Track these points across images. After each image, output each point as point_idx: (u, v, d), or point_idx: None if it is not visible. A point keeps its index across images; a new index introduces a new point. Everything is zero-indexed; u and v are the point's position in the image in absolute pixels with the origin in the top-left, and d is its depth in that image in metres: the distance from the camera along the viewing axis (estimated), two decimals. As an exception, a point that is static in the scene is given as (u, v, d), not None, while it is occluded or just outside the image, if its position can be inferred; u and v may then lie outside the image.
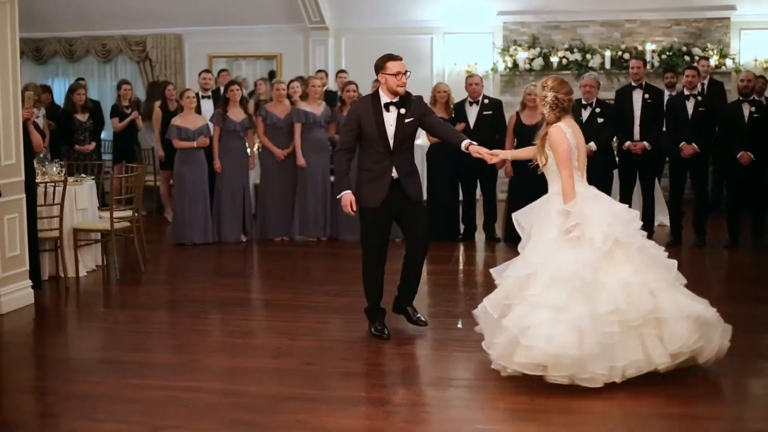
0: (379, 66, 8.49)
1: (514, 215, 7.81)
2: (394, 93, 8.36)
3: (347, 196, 8.34)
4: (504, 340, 7.11)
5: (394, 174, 8.37)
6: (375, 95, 8.53)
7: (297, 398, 6.92)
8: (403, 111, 8.30)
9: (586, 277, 7.07)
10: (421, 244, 8.56)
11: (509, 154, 9.28)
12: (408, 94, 8.47)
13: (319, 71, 16.59)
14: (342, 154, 8.47)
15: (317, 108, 13.64)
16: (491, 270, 7.77)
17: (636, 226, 7.53)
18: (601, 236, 7.22)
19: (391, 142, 8.32)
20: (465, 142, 8.21)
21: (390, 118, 8.36)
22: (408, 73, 8.48)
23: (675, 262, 7.51)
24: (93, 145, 14.95)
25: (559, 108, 7.60)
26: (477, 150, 8.11)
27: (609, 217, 7.43)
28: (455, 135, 8.72)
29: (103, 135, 16.54)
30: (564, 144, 7.51)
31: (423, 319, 8.67)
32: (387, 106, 8.37)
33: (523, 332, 6.97)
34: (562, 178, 7.51)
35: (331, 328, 9.03)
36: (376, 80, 13.38)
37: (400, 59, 8.54)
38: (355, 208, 8.41)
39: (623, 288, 7.09)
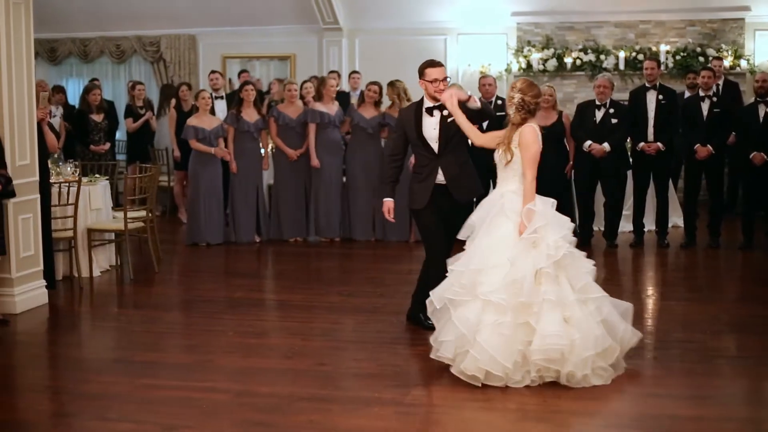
0: (420, 72, 8.46)
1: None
2: (433, 98, 8.35)
3: (387, 203, 8.65)
4: (453, 339, 7.25)
5: (440, 177, 8.44)
6: (420, 101, 8.57)
7: (310, 399, 6.93)
8: (446, 113, 8.25)
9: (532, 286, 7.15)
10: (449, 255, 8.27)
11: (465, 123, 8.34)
12: None
13: (332, 72, 16.58)
14: (389, 161, 8.80)
15: (331, 108, 13.65)
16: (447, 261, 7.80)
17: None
18: (559, 243, 7.29)
19: (434, 145, 8.39)
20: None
21: (432, 122, 8.40)
22: (448, 79, 8.51)
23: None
24: (108, 145, 14.99)
25: (525, 110, 7.58)
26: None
27: (566, 225, 7.50)
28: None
29: (117, 135, 16.56)
30: (536, 146, 7.52)
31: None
32: (430, 110, 8.41)
33: (471, 341, 7.08)
34: (525, 179, 7.47)
35: (345, 328, 9.03)
36: (398, 81, 13.57)
37: (441, 66, 8.47)
38: (392, 215, 8.69)
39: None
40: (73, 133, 15.09)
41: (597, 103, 12.75)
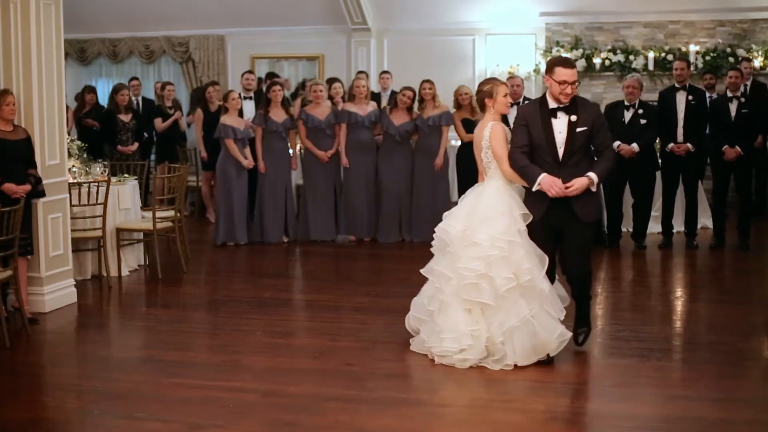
0: (548, 68, 7.82)
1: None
2: (557, 100, 7.73)
3: (547, 178, 7.58)
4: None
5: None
6: (543, 99, 7.85)
7: (337, 399, 6.94)
8: (574, 118, 7.68)
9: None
10: (572, 272, 8.02)
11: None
12: (577, 99, 7.87)
13: (360, 72, 16.57)
14: (515, 151, 7.74)
15: (363, 108, 13.65)
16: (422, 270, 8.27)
17: None
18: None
19: (560, 151, 7.70)
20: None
21: (558, 125, 7.73)
22: (577, 83, 7.82)
23: None
24: (136, 145, 15.03)
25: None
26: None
27: None
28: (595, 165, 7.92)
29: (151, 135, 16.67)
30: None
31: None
32: (554, 111, 7.77)
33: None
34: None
35: (373, 329, 9.02)
36: (427, 81, 13.56)
37: (573, 67, 7.80)
38: (560, 186, 7.60)
39: None
40: (100, 132, 15.15)
41: (626, 103, 12.71)
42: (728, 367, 7.66)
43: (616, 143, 12.49)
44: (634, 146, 12.47)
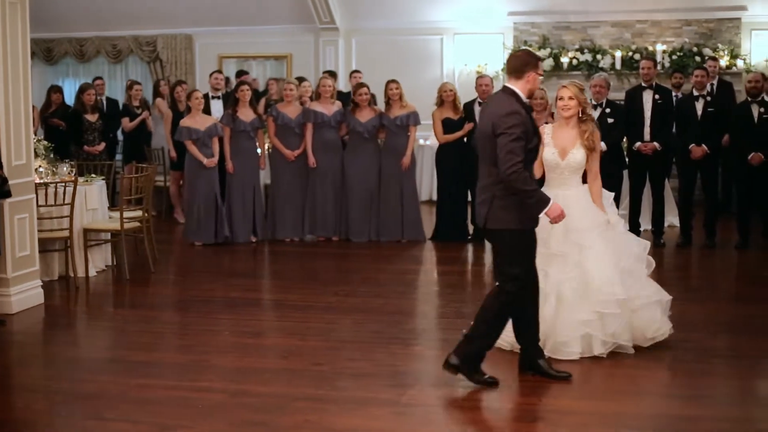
0: (533, 63, 7.20)
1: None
2: (531, 95, 7.38)
3: (557, 205, 7.09)
4: None
5: None
6: (517, 97, 7.12)
7: (306, 399, 6.93)
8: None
9: None
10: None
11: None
12: None
13: (326, 72, 16.56)
14: (521, 169, 6.86)
15: (329, 108, 13.65)
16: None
17: None
18: None
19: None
20: None
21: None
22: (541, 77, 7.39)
23: None
24: (102, 145, 14.96)
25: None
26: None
27: None
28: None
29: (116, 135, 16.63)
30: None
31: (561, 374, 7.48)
32: (532, 109, 7.57)
33: None
34: (599, 181, 8.16)
35: (341, 328, 9.02)
36: (393, 81, 13.54)
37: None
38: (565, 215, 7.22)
39: None
40: (67, 132, 15.08)
41: (593, 102, 12.76)
42: (695, 364, 7.71)
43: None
44: (602, 145, 12.50)
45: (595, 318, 7.67)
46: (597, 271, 7.73)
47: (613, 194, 8.43)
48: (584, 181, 8.11)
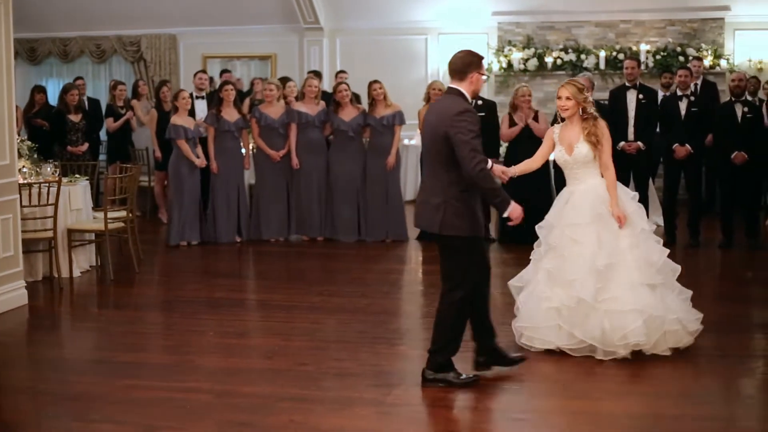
0: (476, 63, 7.19)
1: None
2: (476, 95, 7.44)
3: (519, 208, 7.04)
4: None
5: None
6: (464, 97, 7.13)
7: (291, 399, 6.93)
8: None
9: None
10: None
11: (517, 170, 8.27)
12: None
13: (311, 72, 16.55)
14: (486, 168, 6.88)
15: (313, 108, 13.64)
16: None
17: None
18: None
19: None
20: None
21: None
22: (485, 77, 7.45)
23: None
24: (86, 146, 14.89)
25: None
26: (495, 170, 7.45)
27: None
28: None
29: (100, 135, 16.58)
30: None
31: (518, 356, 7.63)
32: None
33: None
34: (611, 172, 7.98)
35: (326, 328, 9.03)
36: (376, 81, 13.54)
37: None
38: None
39: None
40: (50, 132, 15.03)
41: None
42: (680, 363, 7.73)
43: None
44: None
45: (562, 309, 7.75)
46: (576, 266, 7.80)
47: (636, 194, 8.32)
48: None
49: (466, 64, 7.13)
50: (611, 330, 7.64)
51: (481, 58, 7.28)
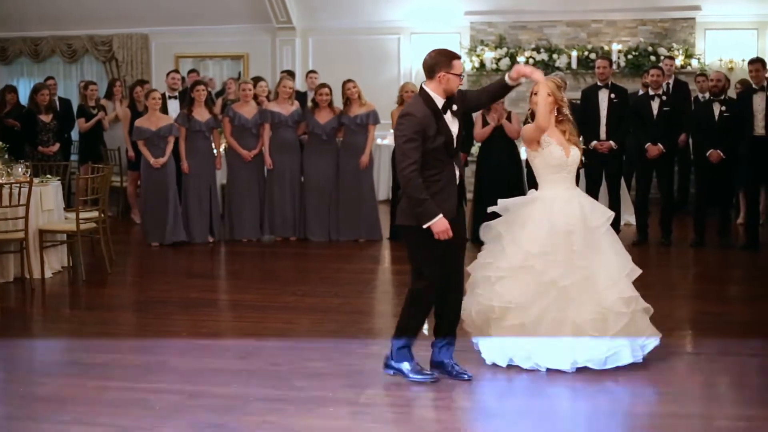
0: (444, 63, 7.11)
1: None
2: (451, 94, 7.20)
3: (443, 221, 6.92)
4: None
5: (457, 177, 7.28)
6: (428, 98, 7.15)
7: (264, 399, 6.91)
8: (455, 108, 7.24)
9: None
10: (459, 298, 7.40)
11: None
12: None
13: (284, 72, 16.54)
14: (416, 175, 6.96)
15: (286, 108, 13.62)
16: None
17: None
18: None
19: (454, 144, 7.26)
20: (506, 77, 7.42)
21: (449, 120, 7.18)
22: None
23: None
24: (57, 146, 14.84)
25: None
26: (520, 71, 7.47)
27: None
28: (495, 84, 7.61)
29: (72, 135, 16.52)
30: None
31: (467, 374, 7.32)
32: (444, 108, 7.17)
33: None
34: None
35: (299, 328, 9.00)
36: (350, 80, 13.54)
37: (461, 58, 7.59)
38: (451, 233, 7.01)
39: None
40: (21, 132, 14.95)
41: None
42: (652, 361, 7.73)
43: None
44: (558, 144, 12.58)
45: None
46: (604, 273, 7.50)
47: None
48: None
49: (434, 63, 7.13)
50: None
51: (452, 57, 7.19)
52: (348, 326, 8.94)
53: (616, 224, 13.01)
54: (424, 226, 6.94)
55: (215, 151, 13.80)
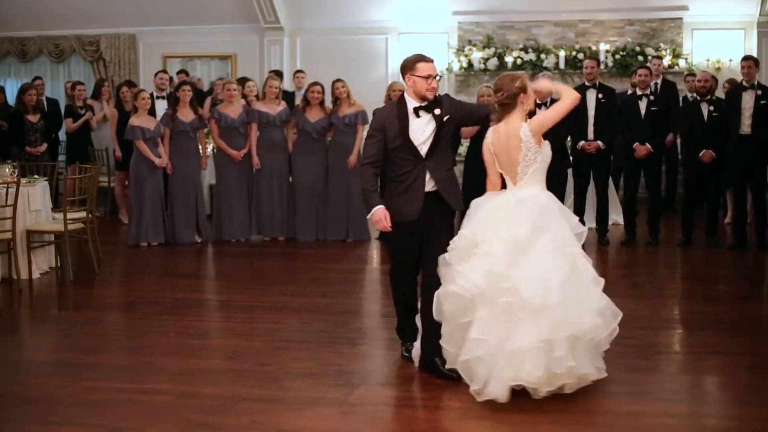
0: (408, 66, 7.47)
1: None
2: (423, 98, 7.43)
3: (380, 211, 7.33)
4: None
5: (429, 183, 7.41)
6: (401, 100, 7.53)
7: (253, 399, 6.91)
8: (438, 111, 7.40)
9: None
10: (434, 285, 7.29)
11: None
12: (439, 96, 7.58)
13: (272, 72, 16.53)
14: (367, 168, 7.46)
15: (274, 108, 13.62)
16: None
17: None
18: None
19: (423, 148, 7.39)
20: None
21: (420, 124, 7.40)
22: (438, 77, 7.69)
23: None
24: (44, 146, 14.81)
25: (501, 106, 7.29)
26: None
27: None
28: (481, 115, 7.85)
29: (60, 135, 16.48)
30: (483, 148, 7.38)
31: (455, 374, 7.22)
32: (416, 111, 7.41)
33: None
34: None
35: (287, 328, 9.00)
36: (339, 80, 13.55)
37: (431, 61, 7.54)
38: (389, 222, 7.35)
39: None
40: (8, 133, 14.92)
41: (538, 102, 12.79)
42: (639, 360, 7.76)
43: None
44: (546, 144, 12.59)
45: None
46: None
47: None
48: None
49: (403, 66, 7.55)
50: None
51: (418, 59, 7.46)
52: (336, 326, 8.94)
53: (603, 224, 13.10)
54: (368, 216, 7.47)
55: (201, 151, 13.78)
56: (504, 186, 7.38)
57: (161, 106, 14.80)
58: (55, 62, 20.36)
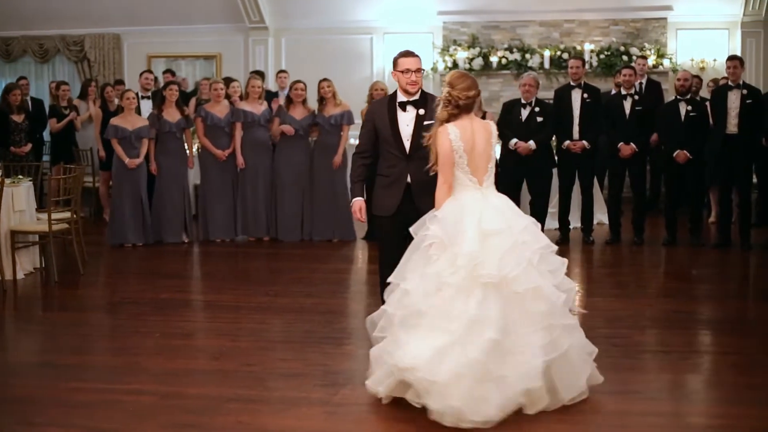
0: (393, 62, 7.65)
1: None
2: (406, 92, 7.57)
3: (357, 203, 7.70)
4: None
5: (409, 181, 7.53)
6: (393, 95, 7.74)
7: (238, 399, 6.90)
8: (422, 112, 7.50)
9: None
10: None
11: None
12: (427, 94, 7.72)
13: (254, 72, 16.50)
14: (357, 158, 7.81)
15: (257, 107, 13.62)
16: None
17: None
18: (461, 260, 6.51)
19: (407, 144, 7.51)
20: None
21: (406, 118, 7.55)
22: (423, 71, 7.83)
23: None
24: (29, 146, 14.78)
25: (452, 105, 6.92)
26: None
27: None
28: None
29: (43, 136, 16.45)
30: (443, 146, 6.84)
31: None
32: (403, 105, 7.57)
33: None
34: (438, 182, 6.91)
35: (272, 328, 9.01)
36: (325, 79, 13.55)
37: (415, 56, 7.59)
38: (364, 216, 7.74)
39: None
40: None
41: (523, 101, 12.86)
42: (624, 359, 7.77)
43: (514, 141, 12.63)
44: (531, 144, 12.62)
45: None
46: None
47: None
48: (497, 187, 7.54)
49: (393, 63, 7.69)
50: None
51: (400, 55, 7.65)
52: (322, 326, 8.93)
53: (588, 224, 13.12)
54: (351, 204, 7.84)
55: (187, 151, 13.76)
56: None
57: (146, 107, 14.77)
58: (40, 62, 20.31)
